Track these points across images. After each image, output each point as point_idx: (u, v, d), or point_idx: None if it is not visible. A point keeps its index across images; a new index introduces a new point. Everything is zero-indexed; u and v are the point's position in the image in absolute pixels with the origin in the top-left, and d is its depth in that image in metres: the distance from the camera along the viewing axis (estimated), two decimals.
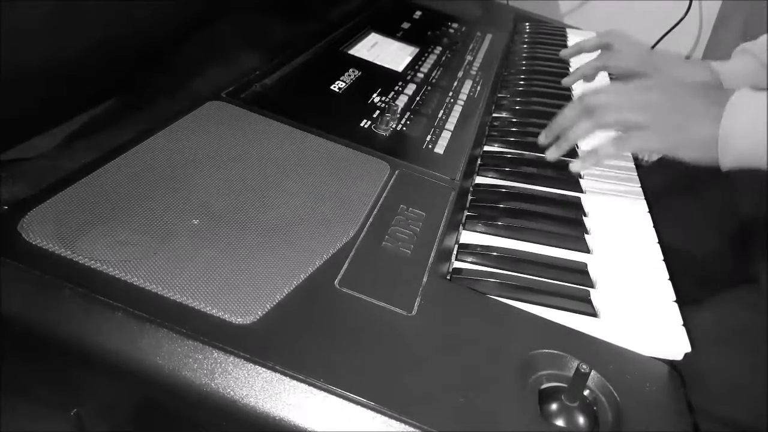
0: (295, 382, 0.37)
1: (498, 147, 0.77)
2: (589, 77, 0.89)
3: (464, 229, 0.60)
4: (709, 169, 0.60)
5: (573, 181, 0.71)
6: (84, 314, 0.39)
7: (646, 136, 0.61)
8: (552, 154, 0.67)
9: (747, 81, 0.81)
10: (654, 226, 0.65)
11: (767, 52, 0.81)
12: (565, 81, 0.93)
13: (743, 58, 0.84)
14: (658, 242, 0.62)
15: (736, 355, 0.57)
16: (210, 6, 0.73)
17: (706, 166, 0.59)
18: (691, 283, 0.59)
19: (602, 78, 0.97)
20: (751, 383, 0.55)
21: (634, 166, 0.76)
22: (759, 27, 0.87)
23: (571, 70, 1.05)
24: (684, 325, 0.51)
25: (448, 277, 0.53)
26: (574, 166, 0.66)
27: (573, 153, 0.77)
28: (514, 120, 0.84)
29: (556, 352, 0.44)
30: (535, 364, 0.43)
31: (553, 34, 1.19)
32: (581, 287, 0.54)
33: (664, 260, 0.59)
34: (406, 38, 0.95)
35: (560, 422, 0.40)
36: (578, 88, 0.95)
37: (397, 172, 0.59)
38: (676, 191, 0.81)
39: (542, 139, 0.69)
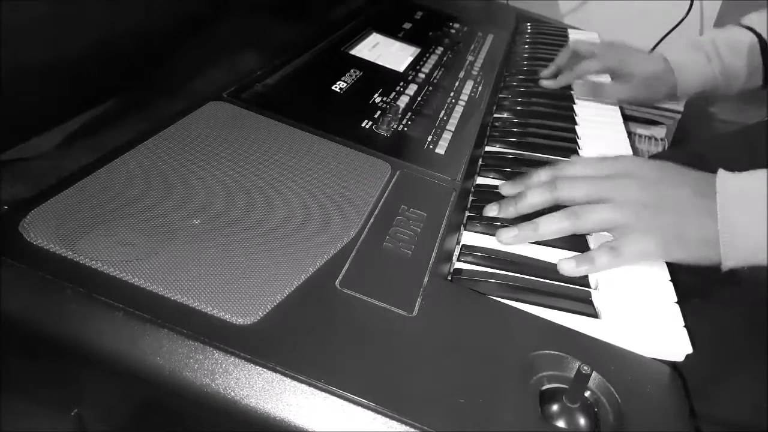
0: (295, 382, 0.37)
1: (499, 147, 0.77)
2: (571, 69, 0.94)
3: (465, 229, 0.60)
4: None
5: None
6: (85, 314, 0.39)
7: (638, 242, 0.54)
8: (507, 237, 0.58)
9: (696, 72, 0.86)
10: None
11: (712, 46, 0.87)
12: (547, 84, 0.96)
13: (693, 51, 0.89)
14: None
15: (735, 355, 0.57)
16: (211, 6, 0.73)
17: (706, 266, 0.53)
18: (689, 279, 0.59)
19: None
20: (751, 383, 0.55)
21: None
22: (759, 27, 0.88)
23: None
24: (685, 325, 0.51)
25: (449, 278, 0.53)
26: (566, 267, 0.55)
27: (573, 154, 0.77)
28: (516, 120, 0.84)
29: (557, 353, 0.44)
30: (536, 365, 0.43)
31: (554, 35, 1.19)
32: (582, 288, 0.54)
33: (665, 261, 0.59)
34: (407, 38, 0.95)
35: (561, 423, 0.40)
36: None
37: (398, 172, 0.59)
38: None
39: (492, 213, 0.61)
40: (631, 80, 0.90)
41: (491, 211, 0.61)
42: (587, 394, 0.42)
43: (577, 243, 0.60)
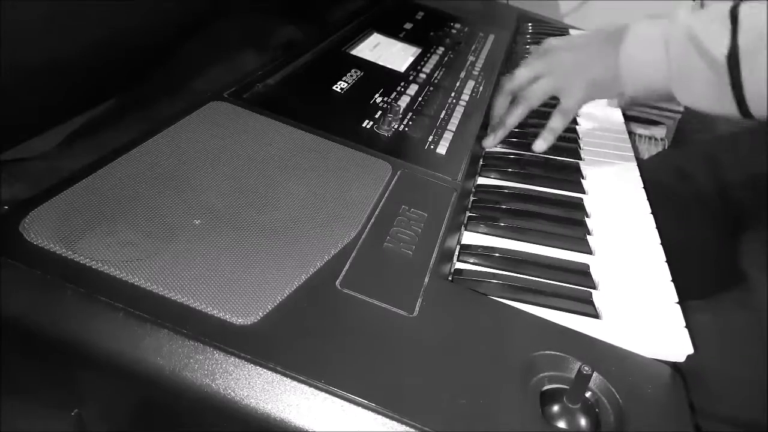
0: (296, 383, 0.37)
1: (500, 147, 0.76)
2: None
3: (466, 229, 0.60)
4: (703, 165, 0.67)
5: (575, 182, 0.71)
6: (85, 315, 0.39)
7: (573, 95, 0.69)
8: (489, 142, 0.75)
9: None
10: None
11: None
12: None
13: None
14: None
15: (735, 355, 0.57)
16: (211, 6, 0.73)
17: (624, 105, 0.71)
18: (689, 279, 0.59)
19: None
20: (751, 384, 0.55)
21: (636, 167, 0.76)
22: None
23: None
24: (686, 325, 0.51)
25: (450, 278, 0.53)
26: (537, 145, 0.73)
27: (574, 154, 0.77)
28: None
29: (557, 353, 0.44)
30: (536, 365, 0.43)
31: (555, 35, 1.19)
32: (583, 288, 0.54)
33: (666, 261, 0.59)
34: (408, 39, 0.95)
35: (562, 424, 0.40)
36: None
37: (398, 172, 0.59)
38: (670, 186, 0.82)
39: (489, 142, 0.75)
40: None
41: (487, 141, 0.75)
42: (588, 394, 0.42)
43: (577, 243, 0.60)
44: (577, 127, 0.84)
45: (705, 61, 0.59)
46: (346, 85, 0.73)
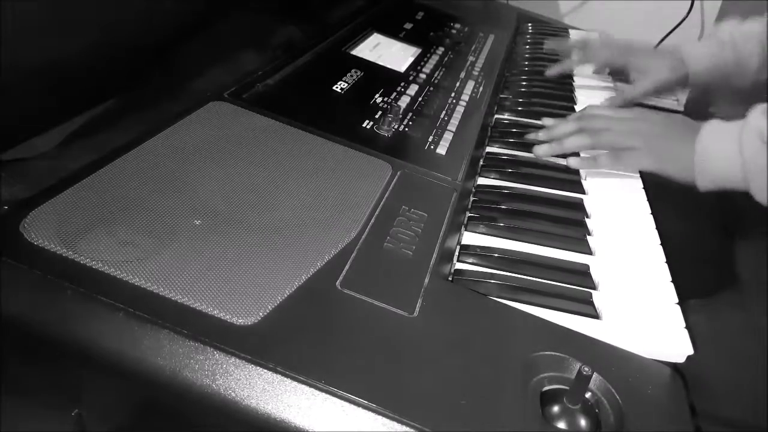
0: (296, 383, 0.37)
1: (500, 148, 0.76)
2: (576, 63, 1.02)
3: (466, 230, 0.60)
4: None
5: (575, 183, 0.71)
6: (85, 315, 0.39)
7: (636, 156, 0.70)
8: (542, 151, 0.74)
9: (708, 59, 0.90)
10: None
11: (728, 33, 0.89)
12: (551, 72, 1.01)
13: (709, 39, 0.92)
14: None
15: (730, 355, 0.57)
16: (212, 6, 0.73)
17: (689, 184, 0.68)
18: (689, 277, 0.59)
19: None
20: (748, 384, 0.55)
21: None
22: None
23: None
24: (686, 326, 0.51)
25: (450, 279, 0.53)
26: (571, 160, 0.73)
27: (574, 154, 0.77)
28: (517, 121, 0.84)
29: (557, 354, 0.44)
30: (536, 366, 0.43)
31: (555, 35, 1.19)
32: (583, 289, 0.54)
33: (666, 262, 0.59)
34: (408, 39, 0.95)
35: (562, 425, 0.40)
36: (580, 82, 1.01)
37: (399, 172, 0.59)
38: (668, 186, 0.83)
39: (542, 152, 0.75)
40: (647, 73, 0.92)
41: (539, 150, 0.75)
42: (588, 395, 0.42)
43: (577, 244, 0.60)
44: None
45: None
46: (346, 85, 0.73)
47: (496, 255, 0.57)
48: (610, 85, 1.03)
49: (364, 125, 0.67)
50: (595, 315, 0.51)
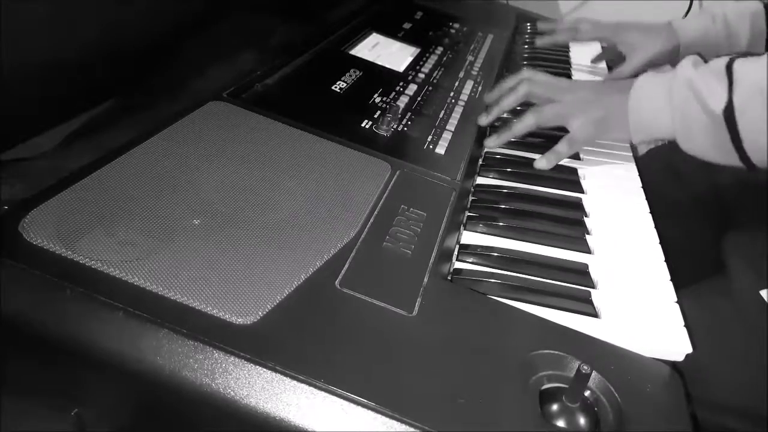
0: (295, 382, 0.37)
1: (499, 148, 0.76)
2: (563, 34, 1.05)
3: (465, 229, 0.60)
4: (698, 165, 0.68)
5: (574, 182, 0.71)
6: (85, 314, 0.39)
7: (582, 127, 0.71)
8: (492, 142, 0.75)
9: (698, 29, 0.93)
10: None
11: (720, 8, 0.92)
12: (541, 42, 1.06)
13: (701, 16, 0.94)
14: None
15: (735, 354, 0.58)
16: (211, 6, 0.73)
17: (627, 143, 0.73)
18: (688, 275, 0.59)
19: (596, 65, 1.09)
20: (748, 379, 0.55)
21: (635, 167, 0.76)
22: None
23: (572, 67, 1.05)
24: (684, 324, 0.51)
25: (449, 278, 0.53)
26: (539, 162, 0.72)
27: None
28: (515, 120, 0.84)
29: (556, 352, 0.44)
30: (535, 364, 0.43)
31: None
32: (582, 288, 0.54)
33: (665, 261, 0.59)
34: (407, 38, 0.95)
35: (561, 423, 0.40)
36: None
37: (398, 172, 0.59)
38: (664, 181, 0.83)
39: (483, 120, 0.76)
40: (638, 48, 0.95)
41: (481, 119, 0.76)
42: (587, 393, 0.42)
43: (576, 243, 0.60)
44: None
45: (706, 114, 0.61)
46: (345, 84, 0.74)
47: (495, 254, 0.57)
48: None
49: (363, 125, 0.67)
50: (594, 314, 0.51)
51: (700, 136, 0.63)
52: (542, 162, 0.72)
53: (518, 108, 0.77)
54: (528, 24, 1.24)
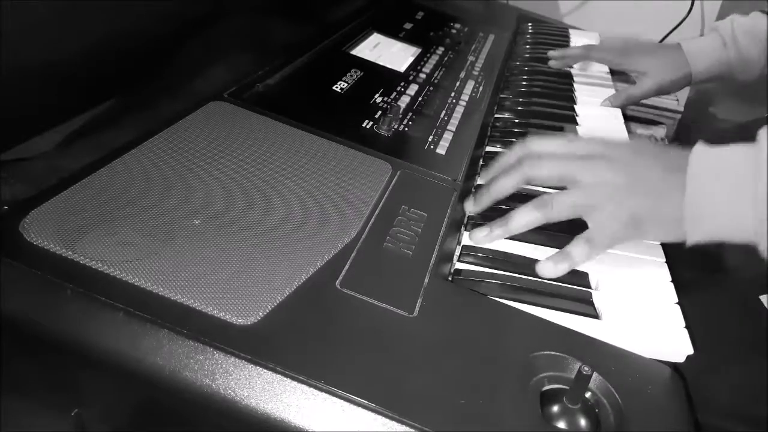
0: (296, 383, 0.37)
1: (500, 148, 0.76)
2: (574, 59, 1.01)
3: (466, 230, 0.60)
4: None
5: None
6: (85, 314, 0.39)
7: (609, 225, 0.52)
8: (480, 236, 0.57)
9: (710, 57, 0.88)
10: None
11: (730, 30, 0.88)
12: (552, 63, 1.02)
13: (711, 35, 0.90)
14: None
15: (736, 355, 0.57)
16: (211, 6, 0.73)
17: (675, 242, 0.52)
18: (688, 275, 0.59)
19: (598, 67, 1.06)
20: (753, 384, 0.55)
21: None
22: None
23: (574, 70, 1.05)
24: (686, 325, 0.51)
25: (450, 278, 0.53)
26: (544, 270, 0.54)
27: None
28: (517, 120, 0.84)
29: (557, 353, 0.44)
30: (536, 365, 0.43)
31: (555, 35, 1.19)
32: (583, 289, 0.54)
33: (665, 261, 0.59)
34: (408, 39, 0.95)
35: (562, 424, 0.40)
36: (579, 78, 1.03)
37: (398, 172, 0.59)
38: None
39: (471, 208, 0.60)
40: (647, 74, 0.92)
41: (468, 206, 0.60)
42: (588, 395, 0.42)
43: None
44: (577, 127, 0.84)
45: None
46: (346, 85, 0.74)
47: (495, 255, 0.57)
48: (609, 84, 1.03)
49: (363, 125, 0.67)
50: (594, 315, 0.51)
51: None
52: (548, 268, 0.53)
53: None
54: (529, 24, 1.24)
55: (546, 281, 0.54)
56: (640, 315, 0.52)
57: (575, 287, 0.54)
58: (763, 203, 0.46)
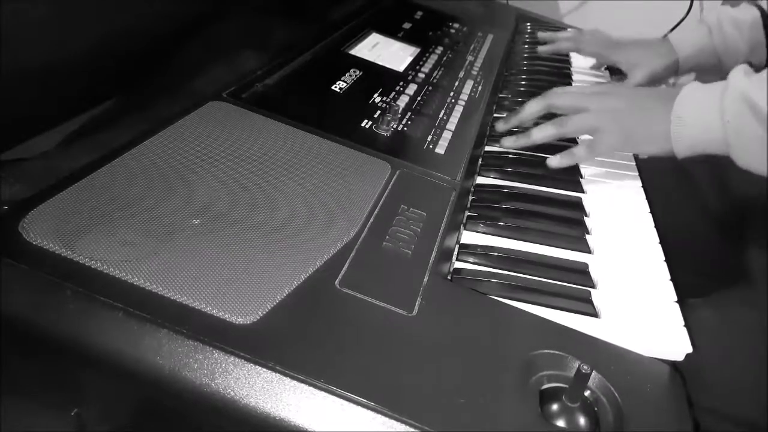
0: (295, 382, 0.37)
1: (499, 147, 0.76)
2: (566, 43, 1.05)
3: (465, 229, 0.60)
4: (703, 163, 0.67)
5: (574, 182, 0.71)
6: (85, 314, 0.39)
7: (608, 139, 0.67)
8: (509, 143, 0.73)
9: (696, 44, 0.92)
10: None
11: (716, 19, 0.91)
12: (542, 49, 1.07)
13: (697, 28, 0.93)
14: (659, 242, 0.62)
15: (737, 352, 0.57)
16: (211, 6, 0.73)
17: (666, 157, 0.66)
18: (688, 275, 0.59)
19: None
20: (753, 381, 0.55)
21: (635, 166, 0.76)
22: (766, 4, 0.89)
23: (572, 67, 1.05)
24: (685, 324, 0.51)
25: (449, 278, 0.53)
26: (551, 161, 0.71)
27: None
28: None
29: (557, 352, 0.44)
30: (536, 364, 0.43)
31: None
32: (582, 287, 0.54)
33: (665, 261, 0.59)
34: (407, 38, 0.95)
35: (561, 423, 0.40)
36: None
37: (397, 172, 0.59)
38: (669, 179, 0.83)
39: (501, 126, 0.75)
40: (638, 66, 0.94)
41: (499, 124, 0.75)
42: (587, 393, 0.42)
43: (576, 242, 0.60)
44: None
45: (762, 125, 0.58)
46: (345, 84, 0.74)
47: (495, 254, 0.57)
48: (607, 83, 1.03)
49: (363, 125, 0.67)
50: (594, 313, 0.51)
51: (758, 150, 0.58)
52: (555, 161, 0.70)
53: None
54: (528, 24, 1.24)
55: (546, 281, 0.54)
56: (640, 314, 0.52)
57: (575, 286, 0.54)
58: (727, 113, 0.59)
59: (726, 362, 0.56)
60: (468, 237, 0.59)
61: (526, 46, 1.13)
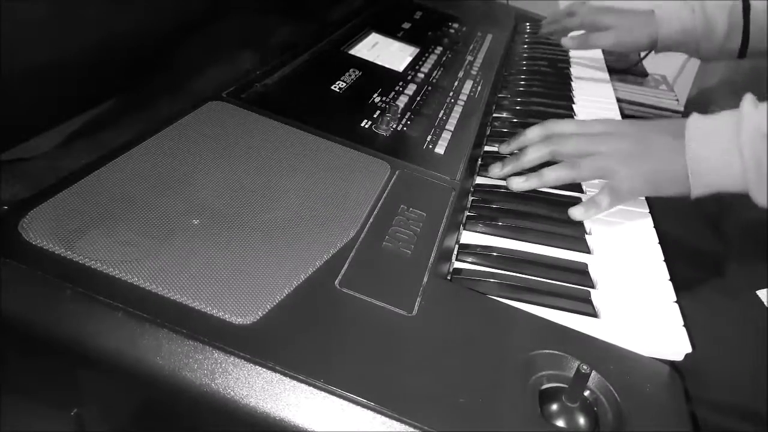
0: (295, 382, 0.37)
1: (498, 147, 0.76)
2: (566, 31, 1.05)
3: (465, 229, 0.60)
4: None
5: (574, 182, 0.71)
6: (84, 314, 0.39)
7: (629, 184, 0.62)
8: (520, 186, 0.66)
9: (677, 22, 0.92)
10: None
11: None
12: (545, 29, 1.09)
13: (681, 6, 0.94)
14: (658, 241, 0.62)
15: (735, 353, 0.58)
16: (211, 6, 0.73)
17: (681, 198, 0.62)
18: (687, 274, 0.59)
19: (596, 67, 1.08)
20: (751, 382, 0.55)
21: None
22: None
23: (572, 68, 1.05)
24: (684, 324, 0.51)
25: (449, 278, 0.53)
26: (576, 213, 0.64)
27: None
28: (515, 120, 0.84)
29: (556, 352, 0.44)
30: (535, 364, 0.43)
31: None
32: (582, 287, 0.54)
33: (664, 261, 0.59)
34: (406, 38, 0.95)
35: (561, 423, 0.40)
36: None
37: (397, 172, 0.59)
38: None
39: (496, 172, 0.69)
40: (612, 29, 0.97)
41: (495, 169, 0.69)
42: (587, 393, 0.42)
43: (576, 243, 0.60)
44: None
45: None
46: (344, 84, 0.74)
47: (494, 254, 0.57)
48: (608, 83, 1.03)
49: (362, 125, 0.67)
50: (593, 313, 0.52)
51: None
52: (579, 213, 0.64)
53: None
54: (527, 24, 1.24)
55: (545, 281, 0.54)
56: (639, 314, 0.52)
57: (574, 286, 0.54)
58: (746, 151, 0.56)
59: (725, 362, 0.56)
60: (467, 237, 0.59)
61: (525, 46, 1.13)
